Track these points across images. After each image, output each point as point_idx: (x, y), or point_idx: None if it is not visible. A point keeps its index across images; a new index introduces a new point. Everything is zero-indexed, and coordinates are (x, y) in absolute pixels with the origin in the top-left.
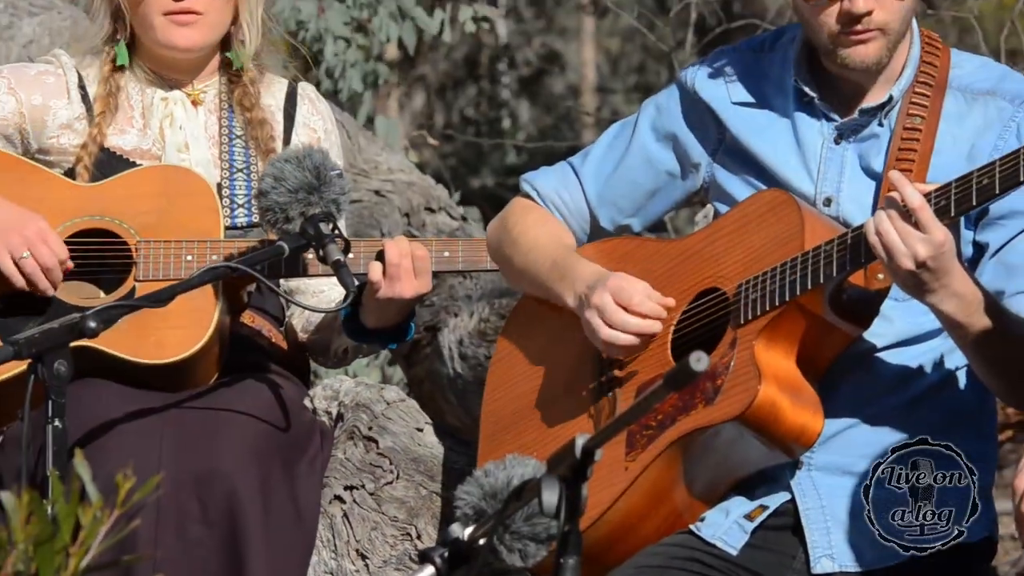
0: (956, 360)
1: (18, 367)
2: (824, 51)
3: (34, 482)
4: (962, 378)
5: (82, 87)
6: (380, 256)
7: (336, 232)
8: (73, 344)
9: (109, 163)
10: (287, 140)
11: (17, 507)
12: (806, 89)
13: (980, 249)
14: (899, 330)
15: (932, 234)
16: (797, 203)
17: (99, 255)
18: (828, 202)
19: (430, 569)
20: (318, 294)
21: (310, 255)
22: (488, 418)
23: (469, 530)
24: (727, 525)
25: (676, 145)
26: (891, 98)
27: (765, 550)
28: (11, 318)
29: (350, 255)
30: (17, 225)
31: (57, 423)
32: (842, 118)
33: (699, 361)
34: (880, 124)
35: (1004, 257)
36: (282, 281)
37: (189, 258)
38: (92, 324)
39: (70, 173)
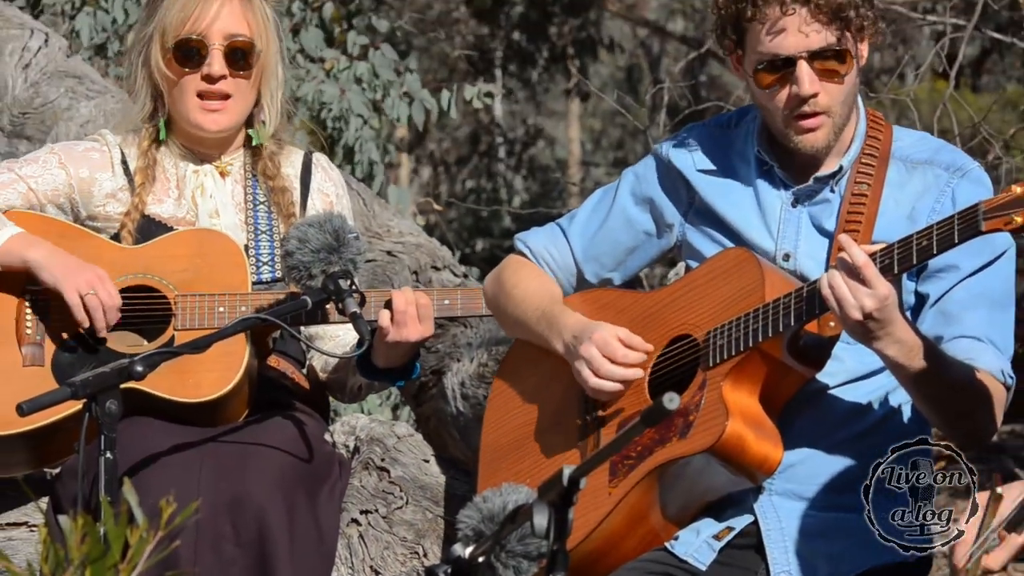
0: (899, 397)
1: (75, 406)
2: (779, 134)
3: (88, 507)
4: (905, 411)
5: (124, 162)
6: (388, 304)
7: (353, 287)
8: (123, 386)
9: (149, 228)
10: (303, 205)
11: (73, 529)
12: (766, 159)
13: (921, 299)
14: (849, 369)
15: (877, 289)
16: (758, 260)
17: (143, 308)
18: (787, 257)
19: None
20: (335, 338)
21: (330, 306)
22: (486, 450)
23: (470, 549)
24: (698, 544)
25: (652, 208)
26: (841, 168)
27: (731, 566)
28: (67, 364)
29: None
30: (82, 268)
31: (109, 455)
32: (798, 184)
33: (671, 401)
34: (832, 190)
35: (942, 306)
36: (302, 327)
37: (221, 309)
38: (140, 368)
39: (116, 237)
